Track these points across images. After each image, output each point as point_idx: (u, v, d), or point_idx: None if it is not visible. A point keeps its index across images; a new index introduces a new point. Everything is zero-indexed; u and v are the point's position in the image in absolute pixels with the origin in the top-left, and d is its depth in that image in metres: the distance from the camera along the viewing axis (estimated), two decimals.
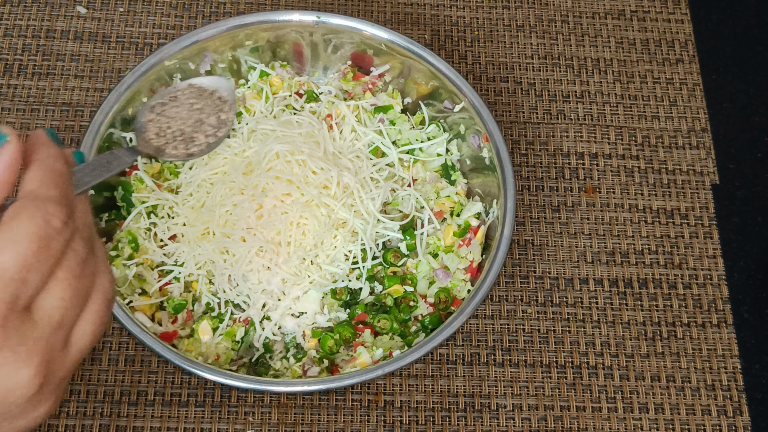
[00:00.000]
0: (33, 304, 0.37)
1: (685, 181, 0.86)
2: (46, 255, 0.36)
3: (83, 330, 0.39)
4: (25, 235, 0.35)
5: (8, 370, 0.35)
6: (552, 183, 0.85)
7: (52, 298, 0.37)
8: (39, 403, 0.38)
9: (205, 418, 0.73)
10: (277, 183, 0.74)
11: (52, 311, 0.37)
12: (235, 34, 0.79)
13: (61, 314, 0.37)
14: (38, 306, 0.37)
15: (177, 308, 0.73)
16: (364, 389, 0.75)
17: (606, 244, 0.82)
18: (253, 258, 0.73)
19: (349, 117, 0.81)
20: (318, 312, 0.74)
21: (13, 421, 0.38)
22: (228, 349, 0.72)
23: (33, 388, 0.36)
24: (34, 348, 0.36)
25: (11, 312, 0.35)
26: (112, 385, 0.73)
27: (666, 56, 0.92)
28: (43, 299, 0.37)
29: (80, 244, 0.38)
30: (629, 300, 0.80)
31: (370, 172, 0.77)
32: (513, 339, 0.78)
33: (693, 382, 0.77)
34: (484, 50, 0.91)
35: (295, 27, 0.80)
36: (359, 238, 0.75)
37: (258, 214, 0.74)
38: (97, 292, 0.39)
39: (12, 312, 0.35)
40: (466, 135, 0.80)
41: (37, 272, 0.36)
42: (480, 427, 0.74)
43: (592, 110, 0.89)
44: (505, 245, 0.72)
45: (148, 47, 0.89)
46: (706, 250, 0.83)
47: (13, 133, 0.38)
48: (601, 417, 0.75)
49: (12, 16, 0.89)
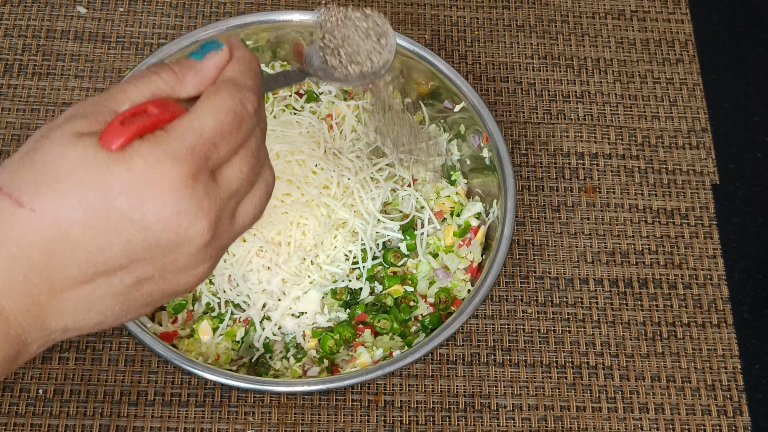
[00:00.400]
0: (218, 170, 0.41)
1: (685, 181, 0.86)
2: (238, 130, 0.41)
3: (247, 208, 0.44)
4: (223, 107, 0.40)
5: (188, 217, 0.39)
6: (552, 183, 0.85)
7: (234, 169, 0.41)
8: (204, 260, 0.42)
9: (205, 418, 0.73)
10: (277, 183, 0.74)
11: (231, 179, 0.41)
12: (235, 34, 0.79)
13: (238, 185, 0.42)
14: (222, 172, 0.41)
15: (177, 308, 0.73)
16: (364, 389, 0.75)
17: (606, 244, 0.82)
18: (253, 258, 0.73)
19: (349, 117, 0.81)
20: (318, 312, 0.74)
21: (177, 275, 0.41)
22: (228, 349, 0.72)
23: (205, 239, 0.40)
24: (212, 205, 0.40)
25: (203, 167, 0.39)
26: (112, 385, 0.73)
27: (666, 56, 0.92)
28: (226, 168, 0.41)
29: (261, 133, 0.43)
30: (629, 300, 0.80)
31: (370, 172, 0.77)
32: (513, 339, 0.78)
33: (693, 382, 0.77)
34: (484, 50, 0.91)
35: (296, 27, 0.80)
36: (359, 238, 0.75)
37: None
38: (262, 180, 0.44)
39: (204, 168, 0.39)
40: (466, 135, 0.80)
41: (227, 143, 0.40)
42: (480, 427, 0.74)
43: (592, 110, 0.89)
44: (505, 245, 0.72)
45: (148, 47, 0.89)
46: (706, 250, 0.83)
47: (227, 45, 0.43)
48: (601, 417, 0.75)
49: (12, 16, 0.89)
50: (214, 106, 0.40)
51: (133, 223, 0.38)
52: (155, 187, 0.38)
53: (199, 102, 0.41)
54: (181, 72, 0.42)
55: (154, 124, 0.39)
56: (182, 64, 0.43)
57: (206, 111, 0.40)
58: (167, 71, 0.42)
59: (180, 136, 0.39)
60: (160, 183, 0.38)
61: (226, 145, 0.40)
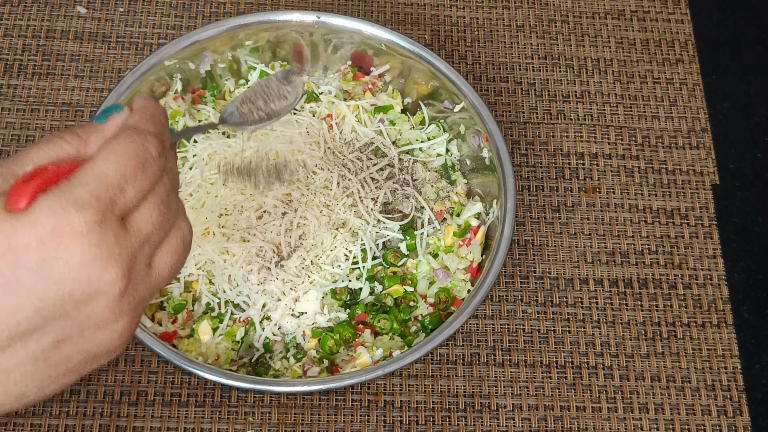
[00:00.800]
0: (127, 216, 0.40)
1: (685, 181, 0.86)
2: (143, 173, 0.40)
3: (163, 258, 0.42)
4: (124, 151, 0.40)
5: (100, 265, 0.38)
6: (552, 183, 0.85)
7: (143, 215, 0.40)
8: (122, 312, 0.40)
9: (205, 418, 0.73)
10: (277, 183, 0.74)
11: (141, 225, 0.40)
12: (235, 34, 0.79)
13: (149, 231, 0.41)
14: (131, 218, 0.40)
15: (177, 308, 0.73)
16: (364, 389, 0.75)
17: (606, 244, 0.82)
18: (253, 258, 0.73)
19: (349, 117, 0.81)
20: (318, 312, 0.74)
21: (95, 332, 0.39)
22: (228, 349, 0.72)
23: (119, 287, 0.39)
24: (123, 252, 0.39)
25: (110, 213, 0.38)
26: (112, 385, 0.73)
27: (666, 56, 0.92)
28: (135, 213, 0.40)
29: (170, 182, 0.42)
30: (629, 300, 0.80)
31: (370, 172, 0.77)
32: (513, 339, 0.78)
33: (693, 382, 0.77)
34: (484, 50, 0.91)
35: (296, 27, 0.80)
36: (359, 238, 0.75)
37: (258, 214, 0.74)
38: (177, 230, 0.43)
39: (110, 213, 0.38)
40: (466, 135, 0.80)
41: (133, 186, 0.39)
42: (480, 427, 0.74)
43: (592, 110, 0.89)
44: (505, 245, 0.72)
45: (148, 47, 0.89)
46: (706, 250, 0.83)
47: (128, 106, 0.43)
48: (601, 417, 0.75)
49: (12, 16, 0.89)
50: (114, 151, 0.39)
51: (43, 279, 0.37)
52: (62, 238, 0.37)
53: (99, 149, 0.40)
54: (84, 134, 0.41)
55: (57, 176, 0.39)
56: (85, 127, 0.42)
57: (107, 155, 0.39)
58: (70, 134, 0.41)
59: (82, 182, 0.38)
60: (66, 233, 0.37)
61: (131, 189, 0.39)
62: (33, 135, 0.84)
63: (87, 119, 0.85)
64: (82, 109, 0.85)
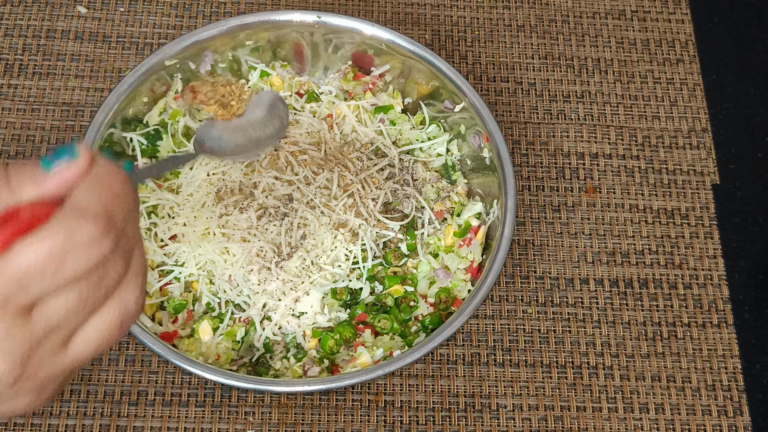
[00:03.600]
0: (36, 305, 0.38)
1: (685, 181, 0.86)
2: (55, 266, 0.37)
3: (87, 337, 0.40)
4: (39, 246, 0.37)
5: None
6: (552, 183, 0.85)
7: (56, 302, 0.38)
8: (17, 395, 0.39)
9: (206, 418, 0.73)
10: (277, 183, 0.74)
11: (51, 315, 0.38)
12: (236, 34, 0.79)
13: (60, 319, 0.39)
14: (39, 308, 0.38)
15: (177, 308, 0.73)
16: (364, 389, 0.75)
17: (606, 244, 0.82)
18: (253, 258, 0.73)
19: (349, 117, 0.81)
20: (318, 312, 0.74)
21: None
22: (228, 349, 0.72)
23: (9, 378, 0.38)
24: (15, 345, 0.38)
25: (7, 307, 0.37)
26: (112, 385, 0.73)
27: (666, 56, 0.92)
28: (46, 302, 0.38)
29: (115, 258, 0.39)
30: (630, 300, 0.80)
31: (371, 172, 0.77)
32: (513, 339, 0.78)
33: (693, 382, 0.77)
34: (484, 50, 0.91)
35: (296, 27, 0.80)
36: (360, 238, 0.75)
37: (258, 214, 0.74)
38: (115, 304, 0.40)
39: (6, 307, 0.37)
40: (466, 135, 0.80)
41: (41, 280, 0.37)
42: (480, 427, 0.74)
43: (593, 110, 0.89)
44: (506, 245, 0.72)
45: (148, 47, 0.89)
46: (706, 250, 0.83)
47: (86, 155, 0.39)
48: (602, 417, 0.75)
49: (12, 16, 0.89)
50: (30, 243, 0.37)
51: None
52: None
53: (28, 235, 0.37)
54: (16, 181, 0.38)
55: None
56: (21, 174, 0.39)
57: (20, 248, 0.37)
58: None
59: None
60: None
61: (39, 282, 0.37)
62: (33, 135, 0.84)
63: (87, 119, 0.85)
64: (83, 109, 0.85)
